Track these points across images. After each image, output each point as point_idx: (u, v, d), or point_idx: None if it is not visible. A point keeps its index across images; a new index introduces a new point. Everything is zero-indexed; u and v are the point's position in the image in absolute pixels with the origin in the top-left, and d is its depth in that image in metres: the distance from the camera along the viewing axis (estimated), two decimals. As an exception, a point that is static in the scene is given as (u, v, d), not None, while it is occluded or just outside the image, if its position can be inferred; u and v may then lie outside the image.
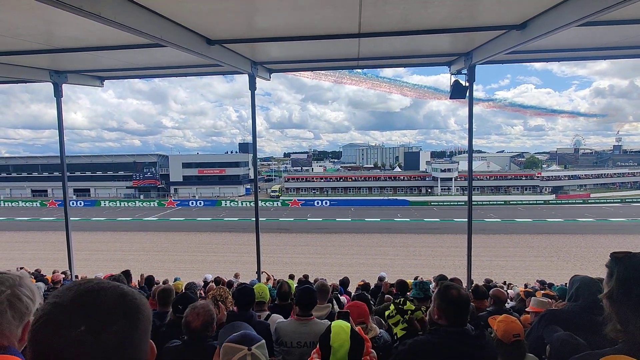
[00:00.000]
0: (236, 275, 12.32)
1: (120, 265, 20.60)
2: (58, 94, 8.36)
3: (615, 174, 69.56)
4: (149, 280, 8.30)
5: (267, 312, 3.82)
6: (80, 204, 59.38)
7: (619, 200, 56.18)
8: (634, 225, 38.55)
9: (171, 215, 49.88)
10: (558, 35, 4.98)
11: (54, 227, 36.90)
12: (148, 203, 60.26)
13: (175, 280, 9.11)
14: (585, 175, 68.17)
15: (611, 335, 1.30)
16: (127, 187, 67.64)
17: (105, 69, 8.20)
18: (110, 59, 7.10)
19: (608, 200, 56.49)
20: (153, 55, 7.00)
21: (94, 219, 46.62)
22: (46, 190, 66.28)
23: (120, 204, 60.02)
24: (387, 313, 3.40)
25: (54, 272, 8.71)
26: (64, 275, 8.56)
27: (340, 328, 2.16)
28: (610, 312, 1.32)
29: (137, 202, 61.21)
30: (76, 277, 9.48)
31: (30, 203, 60.19)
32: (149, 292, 6.28)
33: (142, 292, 6.08)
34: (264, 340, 1.88)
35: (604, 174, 69.74)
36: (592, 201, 56.56)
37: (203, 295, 6.54)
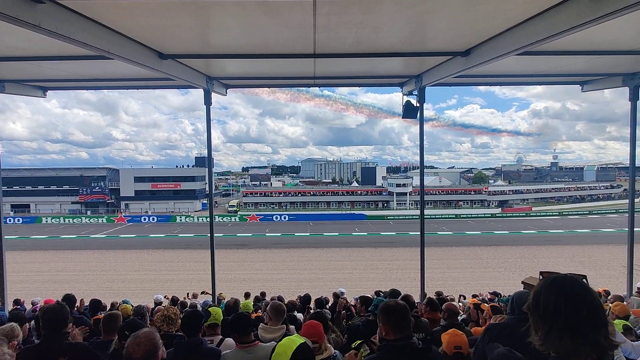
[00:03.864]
0: (194, 295, 11.78)
1: (62, 287, 19.10)
2: (-7, 104, 7.76)
3: (553, 188, 75.05)
4: (95, 305, 6.92)
5: (220, 337, 3.69)
6: (19, 220, 54.83)
7: (557, 214, 60.63)
8: (571, 236, 41.60)
9: (121, 232, 47.25)
10: (499, 63, 5.38)
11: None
12: (96, 219, 56.80)
13: (123, 302, 8.55)
14: (527, 190, 73.04)
15: (533, 342, 1.44)
16: (72, 203, 63.52)
17: (49, 79, 7.71)
18: (55, 69, 6.71)
19: (548, 214, 60.86)
20: (102, 67, 6.71)
21: (33, 237, 43.09)
22: (-22, 206, 60.65)
23: (64, 221, 56.07)
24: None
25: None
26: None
27: (286, 347, 2.15)
28: (531, 321, 1.46)
29: (83, 218, 57.49)
30: (14, 301, 8.63)
31: (-42, 220, 54.64)
32: (91, 319, 5.74)
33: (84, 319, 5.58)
34: None
35: (544, 188, 75.09)
36: (533, 214, 60.69)
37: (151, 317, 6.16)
